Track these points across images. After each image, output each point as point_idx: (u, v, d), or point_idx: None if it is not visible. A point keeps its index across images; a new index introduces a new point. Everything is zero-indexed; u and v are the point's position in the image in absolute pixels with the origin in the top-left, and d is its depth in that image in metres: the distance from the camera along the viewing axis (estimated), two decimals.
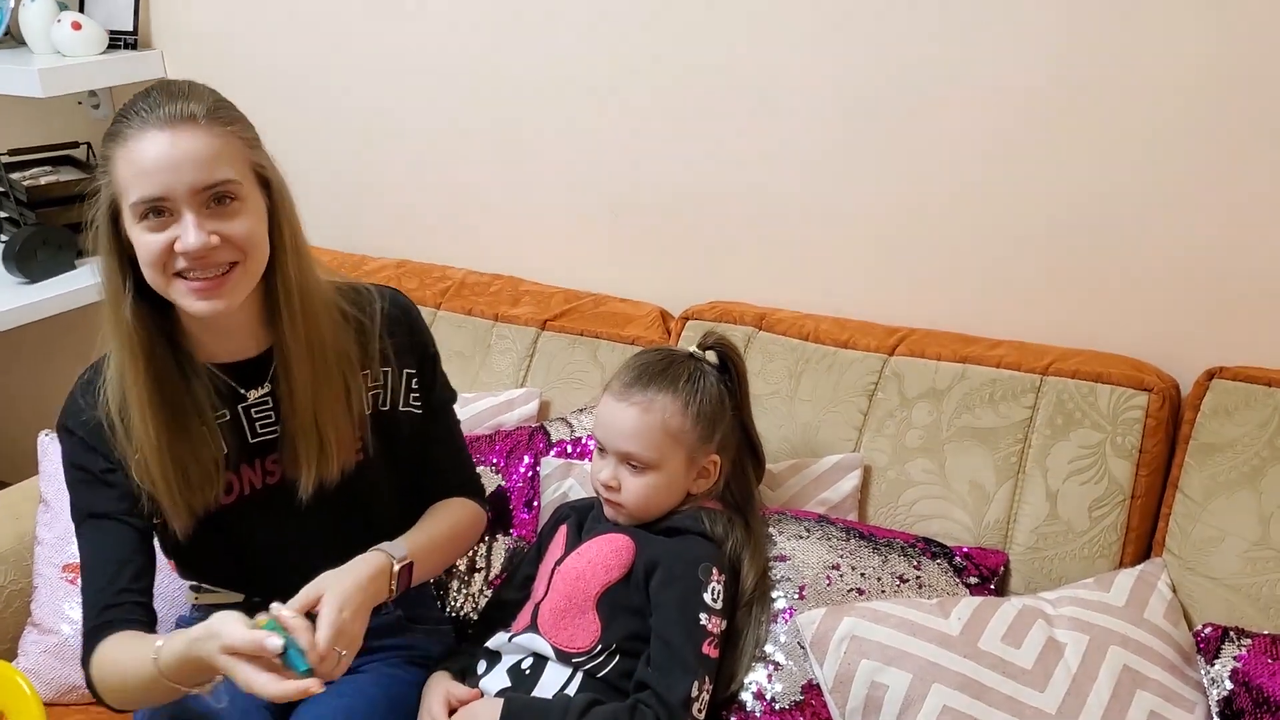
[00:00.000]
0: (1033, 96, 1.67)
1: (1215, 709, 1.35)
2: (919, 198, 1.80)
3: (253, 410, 1.46)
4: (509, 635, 1.51)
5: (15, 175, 2.57)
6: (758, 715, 1.44)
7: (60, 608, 1.73)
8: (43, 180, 2.58)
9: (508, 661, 1.50)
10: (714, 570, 1.47)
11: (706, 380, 1.53)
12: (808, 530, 1.56)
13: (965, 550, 1.58)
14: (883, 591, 1.51)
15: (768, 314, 1.86)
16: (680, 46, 1.92)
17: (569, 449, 1.80)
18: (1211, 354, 1.61)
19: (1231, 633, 1.39)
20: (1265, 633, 1.38)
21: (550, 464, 1.76)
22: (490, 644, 1.53)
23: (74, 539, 1.70)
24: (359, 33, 2.26)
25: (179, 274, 1.33)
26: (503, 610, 1.60)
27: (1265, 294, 1.60)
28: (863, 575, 1.52)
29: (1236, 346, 1.61)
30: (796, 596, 1.50)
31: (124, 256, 1.36)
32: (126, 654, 1.36)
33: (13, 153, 2.60)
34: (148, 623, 1.42)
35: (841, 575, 1.52)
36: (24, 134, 2.70)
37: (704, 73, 1.91)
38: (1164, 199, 1.63)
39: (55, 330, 2.59)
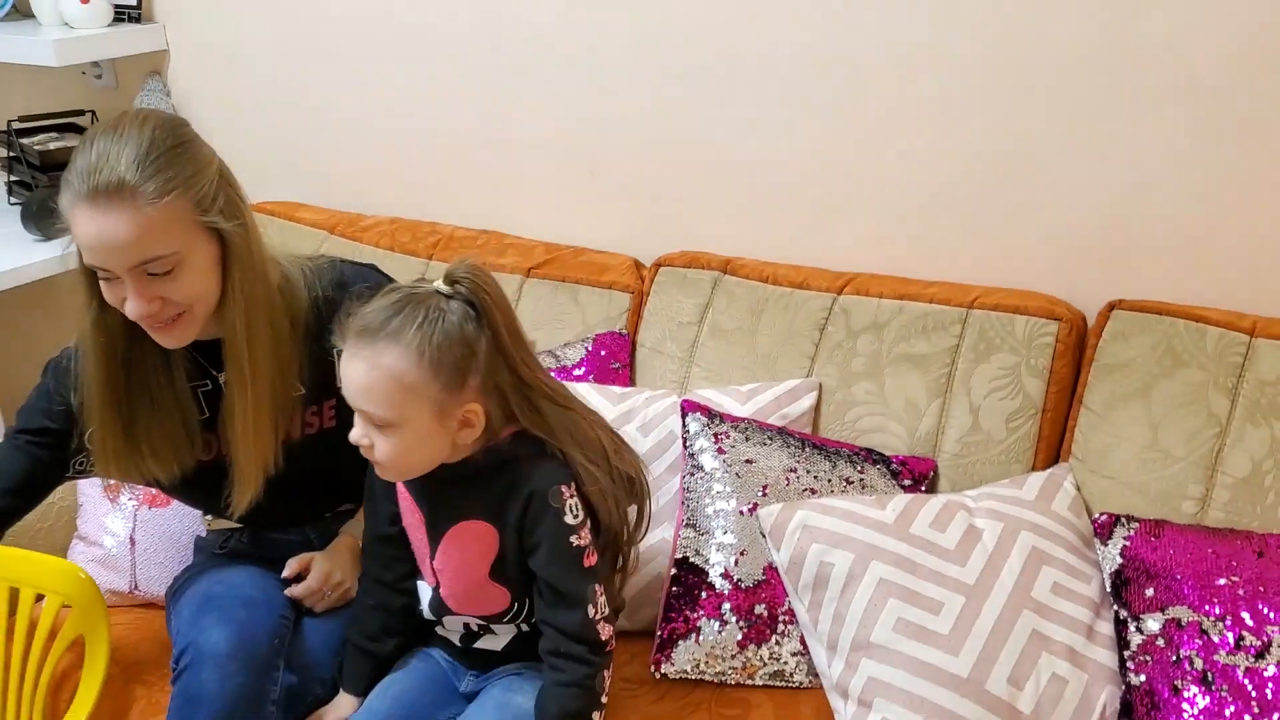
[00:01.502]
0: (956, 64, 1.87)
1: (1108, 580, 1.59)
2: (864, 158, 2.01)
3: (218, 379, 1.56)
4: (434, 621, 1.56)
5: (25, 141, 2.70)
6: (726, 593, 1.68)
7: (103, 522, 1.91)
8: (51, 146, 2.71)
9: (453, 628, 1.56)
10: (562, 489, 1.40)
11: (447, 321, 1.33)
12: (770, 439, 1.80)
13: (901, 458, 1.82)
14: (831, 491, 1.75)
15: (732, 261, 2.08)
16: (652, 17, 2.09)
17: (557, 375, 2.01)
18: (1113, 289, 1.83)
19: (1122, 519, 1.63)
20: (1149, 518, 1.64)
21: None
22: (428, 616, 1.56)
23: None
24: (354, 4, 2.40)
25: (141, 322, 1.42)
26: (395, 607, 1.60)
27: (1159, 237, 1.82)
28: (815, 477, 1.76)
29: (1134, 282, 1.83)
30: (760, 494, 1.73)
31: (90, 275, 1.42)
32: None
33: (22, 119, 2.73)
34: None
35: (798, 477, 1.76)
36: (29, 103, 2.84)
37: (673, 43, 2.09)
38: (1072, 154, 1.84)
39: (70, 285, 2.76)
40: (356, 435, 1.38)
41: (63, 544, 1.95)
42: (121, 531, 1.90)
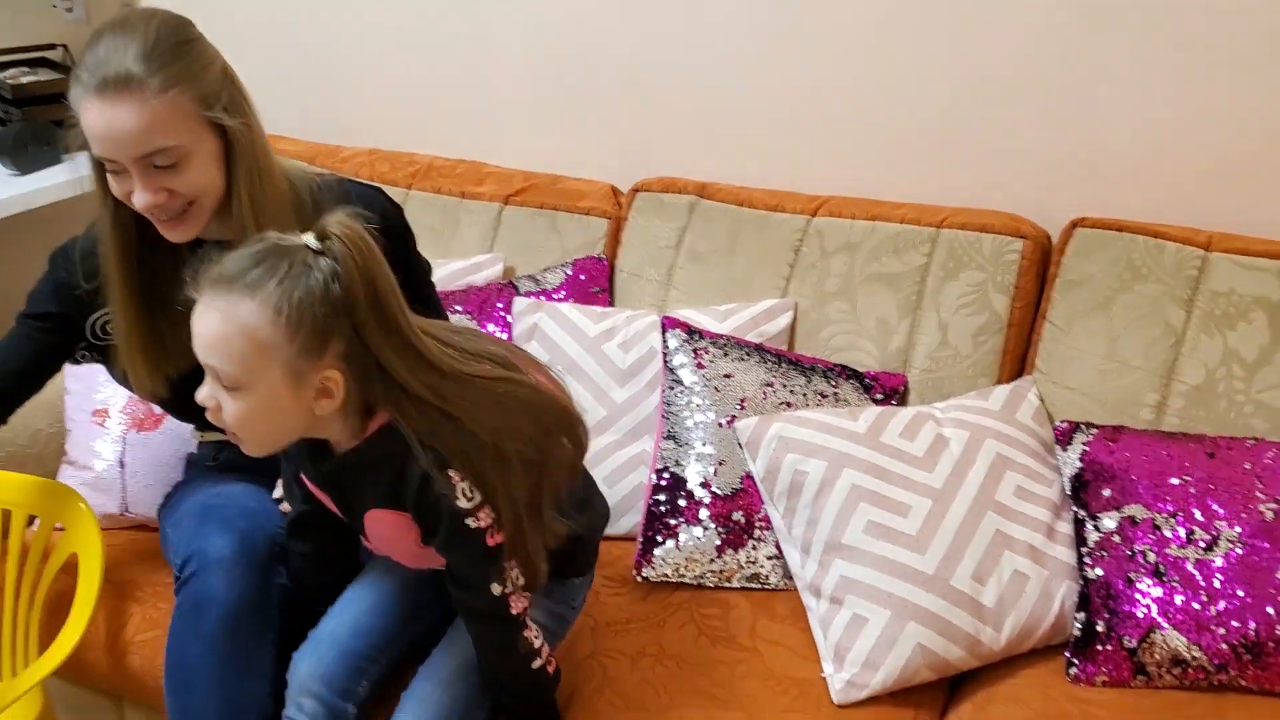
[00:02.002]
0: None
1: (1067, 484, 1.67)
2: (836, 83, 2.06)
3: None
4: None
5: None
6: (706, 502, 1.75)
7: (91, 446, 1.95)
8: (23, 80, 2.68)
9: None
10: (450, 474, 1.29)
11: (310, 279, 1.21)
12: (747, 355, 1.86)
13: (873, 373, 1.89)
14: (806, 404, 1.82)
15: (708, 186, 2.12)
16: None
17: (538, 297, 2.06)
18: (1076, 208, 1.89)
19: (1082, 426, 1.70)
20: (1107, 424, 1.71)
21: (522, 302, 2.01)
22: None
23: (100, 388, 1.96)
24: None
25: (148, 215, 1.45)
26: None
27: (1118, 158, 1.89)
28: (791, 392, 1.83)
29: (1095, 201, 1.89)
30: (738, 407, 1.80)
31: (103, 174, 1.46)
32: None
33: None
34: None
35: (775, 391, 1.82)
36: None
37: None
38: (1036, 79, 1.90)
39: (46, 218, 2.77)
40: (203, 395, 1.27)
41: (50, 470, 1.99)
42: (110, 455, 1.94)
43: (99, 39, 1.39)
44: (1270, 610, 1.49)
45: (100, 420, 1.97)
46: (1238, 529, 1.54)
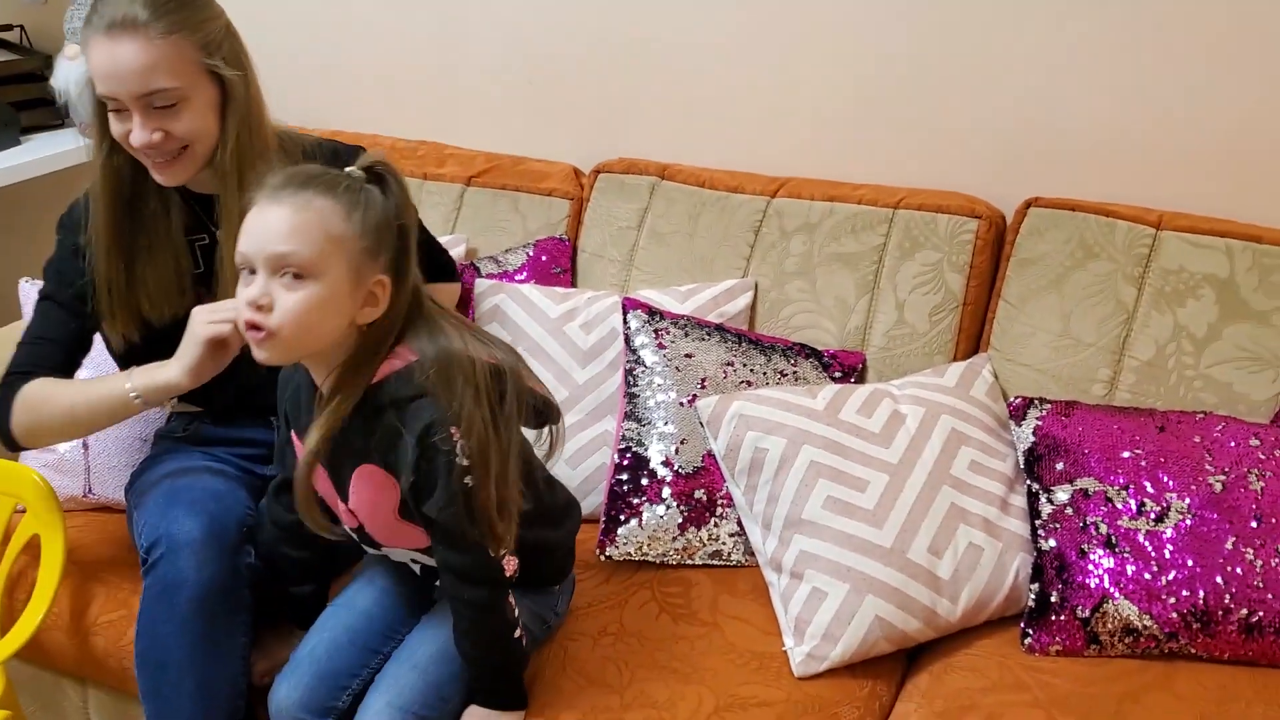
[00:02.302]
0: None
1: (1021, 458, 1.70)
2: (796, 66, 2.08)
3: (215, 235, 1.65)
4: (374, 552, 1.54)
5: None
6: (668, 480, 1.77)
7: None
8: None
9: (402, 558, 1.55)
10: (450, 429, 1.33)
11: (369, 195, 1.33)
12: (708, 335, 1.87)
13: (831, 352, 1.91)
14: (766, 383, 1.84)
15: (669, 167, 2.14)
16: None
17: (499, 279, 2.07)
18: (1030, 188, 1.91)
19: (1035, 401, 1.73)
20: (1060, 400, 1.74)
21: (483, 284, 2.02)
22: (373, 559, 1.59)
23: None
24: None
25: (144, 156, 1.54)
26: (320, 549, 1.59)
27: (1073, 138, 1.92)
28: (751, 370, 1.85)
29: (1050, 182, 1.92)
30: (699, 386, 1.82)
31: (104, 116, 1.55)
32: (67, 385, 1.63)
33: None
34: None
35: (735, 370, 1.84)
36: None
37: None
38: (990, 61, 1.93)
39: (6, 200, 2.76)
40: (255, 293, 1.29)
41: (11, 452, 1.99)
42: None
43: None
44: (1219, 579, 1.53)
45: None
46: (1187, 500, 1.57)
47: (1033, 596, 1.59)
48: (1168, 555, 1.55)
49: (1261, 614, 1.51)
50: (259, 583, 1.60)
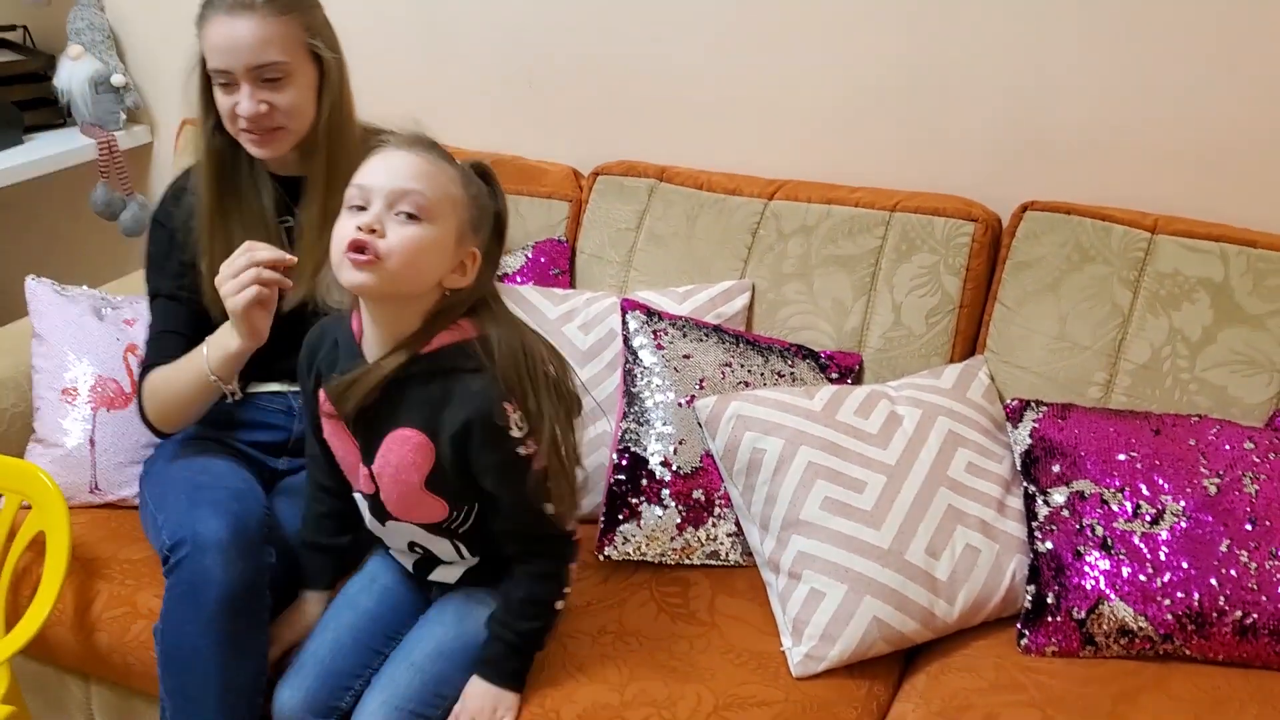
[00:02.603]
0: None
1: (1018, 460, 1.71)
2: (794, 70, 2.09)
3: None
4: (380, 523, 1.56)
5: None
6: (666, 480, 1.78)
7: (60, 424, 1.95)
8: None
9: (399, 543, 1.59)
10: (505, 406, 1.40)
11: (476, 178, 1.45)
12: (706, 336, 1.89)
13: (829, 353, 1.93)
14: (764, 384, 1.85)
15: (667, 169, 2.15)
16: None
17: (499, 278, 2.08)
18: (1026, 191, 1.92)
19: (1032, 403, 1.75)
20: (1057, 402, 1.76)
21: None
22: (374, 531, 1.61)
23: (69, 367, 1.98)
24: None
25: (244, 130, 1.68)
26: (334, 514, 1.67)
27: (1068, 141, 1.93)
28: (749, 371, 1.86)
29: (1046, 185, 1.93)
30: (698, 387, 1.83)
31: (210, 96, 1.70)
32: (172, 368, 1.71)
33: None
34: None
35: (733, 371, 1.86)
36: None
37: None
38: (987, 65, 1.94)
39: (5, 202, 2.77)
40: (369, 218, 1.34)
41: (16, 449, 2.00)
42: (80, 433, 1.94)
43: None
44: (1213, 581, 1.54)
45: (70, 399, 1.97)
46: (1182, 503, 1.59)
47: (1029, 598, 1.61)
48: (1163, 557, 1.57)
49: (1256, 616, 1.53)
50: (271, 582, 1.61)
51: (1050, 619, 1.59)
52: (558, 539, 1.51)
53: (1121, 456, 1.64)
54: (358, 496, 1.57)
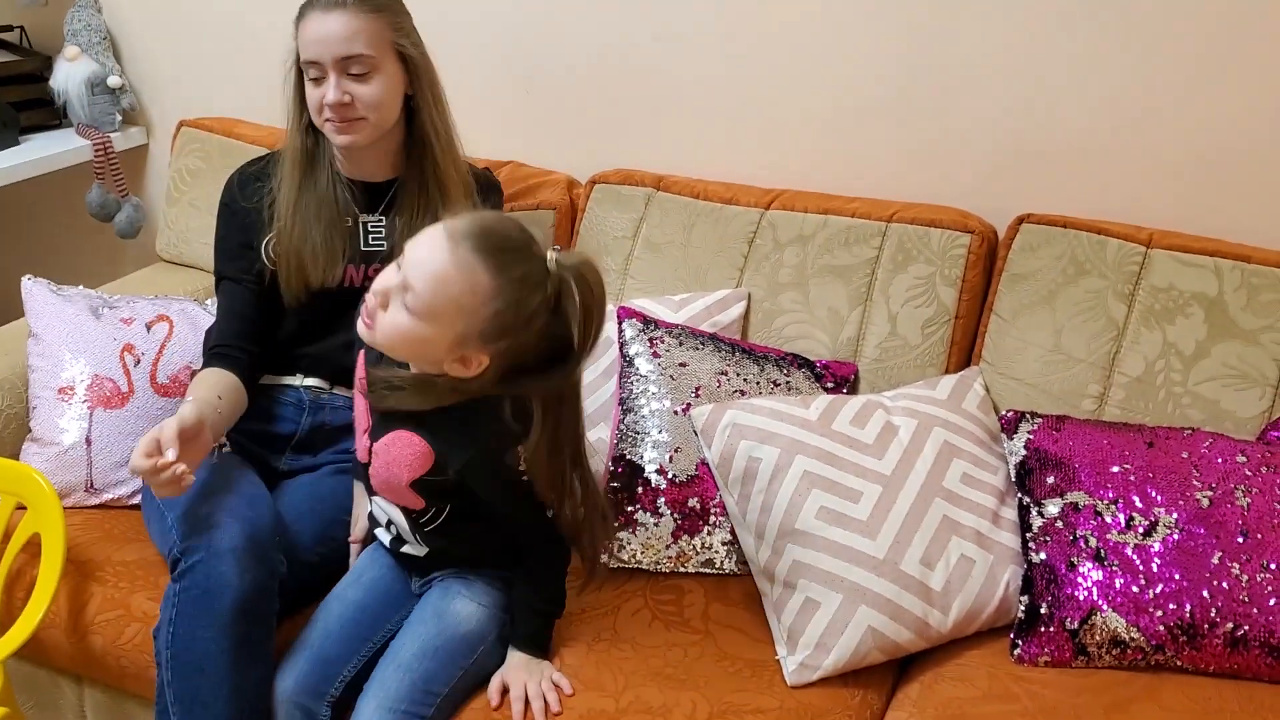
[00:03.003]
0: None
1: (1013, 471, 1.72)
2: (791, 80, 2.10)
3: (368, 225, 1.87)
4: (370, 496, 1.65)
5: None
6: (662, 488, 1.79)
7: (56, 423, 1.94)
8: None
9: (381, 517, 1.66)
10: (516, 450, 1.48)
11: (532, 296, 1.36)
12: (702, 344, 1.89)
13: (824, 362, 1.93)
14: (759, 392, 1.86)
15: (664, 178, 2.16)
16: None
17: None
18: (1023, 204, 1.94)
19: (1027, 415, 1.75)
20: (1051, 414, 1.77)
21: None
22: (369, 503, 1.68)
23: (65, 366, 1.98)
24: None
25: (328, 119, 1.77)
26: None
27: (1065, 155, 1.95)
28: (745, 380, 1.87)
29: (1042, 198, 1.95)
30: (693, 395, 1.84)
31: (303, 95, 1.81)
32: (201, 383, 1.76)
33: None
34: (245, 363, 1.82)
35: (729, 379, 1.86)
36: None
37: None
38: (986, 77, 1.96)
39: (2, 202, 2.76)
40: (382, 284, 1.40)
41: (11, 449, 2.00)
42: (77, 432, 1.94)
43: None
44: (1205, 593, 1.55)
45: (66, 397, 1.96)
46: (1175, 515, 1.60)
47: (1022, 608, 1.62)
48: (1155, 569, 1.58)
49: (1247, 628, 1.54)
50: (280, 587, 1.63)
51: (1043, 629, 1.60)
52: (554, 535, 1.58)
53: (1115, 468, 1.65)
54: (357, 454, 1.64)
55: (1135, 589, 1.57)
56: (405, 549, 1.65)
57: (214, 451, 1.72)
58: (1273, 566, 1.56)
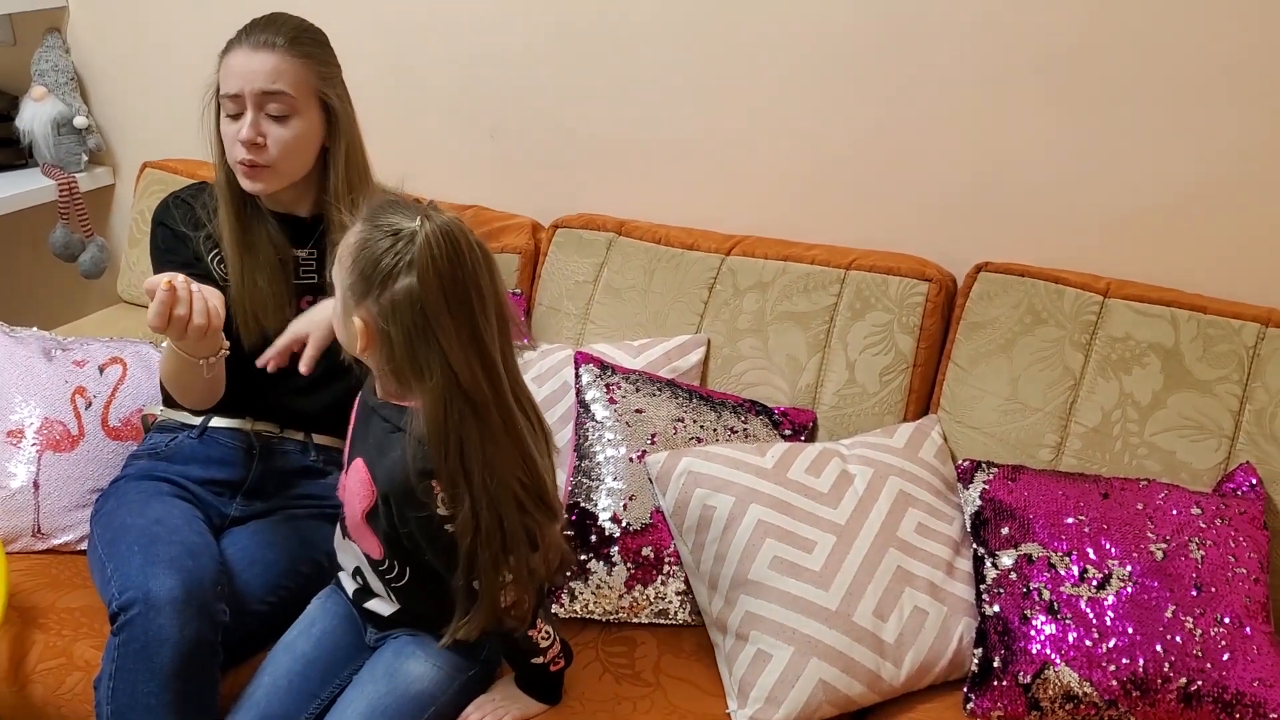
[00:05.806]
0: (837, 43, 1.99)
1: (968, 521, 1.71)
2: (751, 129, 2.11)
3: (300, 259, 1.84)
4: (344, 535, 1.60)
5: None
6: (616, 536, 1.77)
7: (5, 466, 1.92)
8: None
9: (349, 564, 1.61)
10: (430, 484, 1.38)
11: (393, 242, 1.33)
12: (659, 390, 1.88)
13: (782, 409, 1.92)
14: (716, 439, 1.84)
15: (626, 223, 2.16)
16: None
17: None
18: (981, 252, 1.94)
19: (983, 465, 1.75)
20: (1007, 464, 1.76)
21: None
22: (337, 542, 1.63)
23: (15, 409, 1.95)
24: None
25: (240, 160, 1.73)
26: None
27: (1022, 204, 1.95)
28: (701, 427, 1.86)
29: (1001, 246, 1.95)
30: (649, 442, 1.82)
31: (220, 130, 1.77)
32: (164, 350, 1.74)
33: None
34: None
35: (685, 426, 1.85)
36: None
37: (574, 10, 2.18)
38: (943, 128, 1.96)
39: None
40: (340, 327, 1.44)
41: None
42: (24, 476, 1.92)
43: (261, 22, 1.75)
44: (1159, 648, 1.54)
45: (15, 441, 1.94)
46: (1129, 568, 1.59)
47: (976, 661, 1.60)
48: (1109, 622, 1.56)
49: (1200, 683, 1.52)
50: (226, 637, 1.60)
51: (996, 683, 1.58)
52: (490, 610, 1.45)
53: (1070, 520, 1.64)
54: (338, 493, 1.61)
55: (1088, 643, 1.55)
56: (370, 604, 1.60)
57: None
58: (1226, 620, 1.54)
